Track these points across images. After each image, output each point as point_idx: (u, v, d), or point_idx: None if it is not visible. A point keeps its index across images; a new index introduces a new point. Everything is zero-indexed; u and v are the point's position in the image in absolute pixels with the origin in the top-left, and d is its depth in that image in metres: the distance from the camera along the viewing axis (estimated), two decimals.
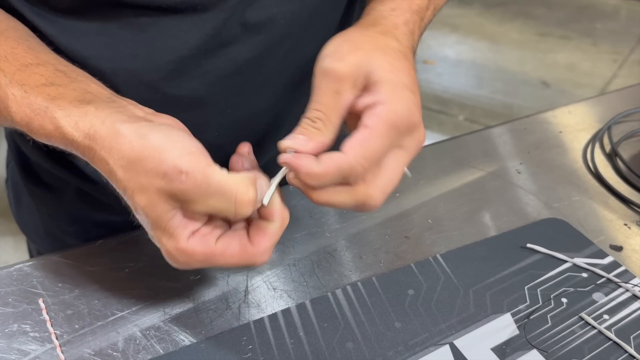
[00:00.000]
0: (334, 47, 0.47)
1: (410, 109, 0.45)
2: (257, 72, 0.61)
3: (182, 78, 0.58)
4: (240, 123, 0.65)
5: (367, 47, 0.47)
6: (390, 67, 0.46)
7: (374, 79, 0.45)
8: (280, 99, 0.66)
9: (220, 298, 0.57)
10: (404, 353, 0.53)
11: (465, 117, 2.68)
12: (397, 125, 0.44)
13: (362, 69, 0.45)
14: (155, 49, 0.55)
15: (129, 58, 0.55)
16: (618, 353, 0.54)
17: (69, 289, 0.57)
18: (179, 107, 0.59)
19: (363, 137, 0.44)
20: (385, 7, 0.52)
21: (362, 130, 0.44)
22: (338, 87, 0.45)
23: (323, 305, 0.57)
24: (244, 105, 0.63)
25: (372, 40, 0.48)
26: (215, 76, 0.59)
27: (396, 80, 0.45)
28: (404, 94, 0.45)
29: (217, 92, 0.60)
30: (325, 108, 0.45)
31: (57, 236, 0.74)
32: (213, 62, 0.58)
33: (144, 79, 0.56)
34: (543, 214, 0.68)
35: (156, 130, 0.43)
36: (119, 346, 0.52)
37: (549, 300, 0.58)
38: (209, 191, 0.42)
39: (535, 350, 0.53)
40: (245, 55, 0.59)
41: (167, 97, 0.58)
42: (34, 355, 0.51)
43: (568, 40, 3.38)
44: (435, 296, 0.58)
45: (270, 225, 0.46)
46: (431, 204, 0.70)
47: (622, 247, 0.65)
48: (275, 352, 0.52)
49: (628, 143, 0.81)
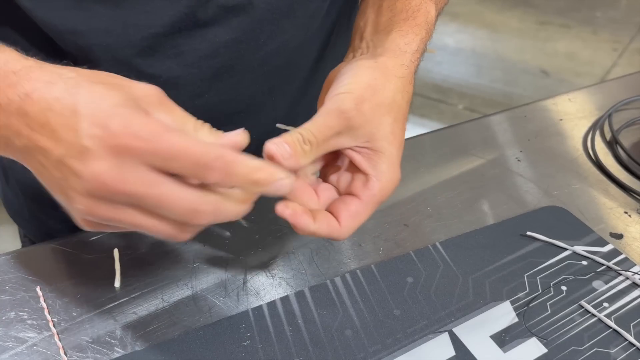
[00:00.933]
0: (348, 85, 0.47)
1: (395, 187, 0.49)
2: (235, 56, 0.60)
3: (156, 57, 0.57)
4: (218, 108, 0.64)
5: (385, 101, 0.48)
6: (391, 137, 0.48)
7: (376, 147, 0.47)
8: (259, 85, 0.65)
9: (219, 285, 0.57)
10: (403, 341, 0.53)
11: (464, 106, 2.67)
12: (382, 200, 0.49)
13: (368, 129, 0.47)
14: (129, 25, 0.55)
15: (103, 33, 0.54)
16: (618, 341, 0.53)
17: (67, 277, 0.56)
18: None
19: (357, 211, 0.48)
20: (401, 40, 0.52)
21: (356, 203, 0.48)
22: (341, 130, 0.46)
23: (322, 293, 0.56)
24: (222, 89, 0.62)
25: (388, 90, 0.48)
26: (191, 57, 0.58)
27: (394, 155, 0.48)
28: (397, 174, 0.49)
29: (192, 73, 0.59)
30: (320, 137, 0.45)
31: (41, 220, 0.74)
32: (189, 43, 0.57)
33: (118, 56, 0.56)
34: (543, 202, 0.68)
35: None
36: (116, 334, 0.52)
37: (549, 288, 0.58)
38: None
39: (534, 338, 0.53)
40: (223, 37, 0.58)
41: (141, 76, 0.57)
42: (31, 342, 0.51)
43: (568, 28, 3.37)
44: (435, 284, 0.58)
45: None
46: (431, 192, 0.69)
47: (622, 235, 0.64)
48: (274, 340, 0.52)
49: (629, 131, 0.80)
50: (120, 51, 0.56)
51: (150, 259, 0.58)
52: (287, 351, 0.51)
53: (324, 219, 0.47)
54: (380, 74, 0.48)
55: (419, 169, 0.72)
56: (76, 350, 0.51)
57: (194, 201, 0.39)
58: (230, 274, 0.58)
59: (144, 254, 0.59)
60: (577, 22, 3.42)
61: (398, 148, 0.49)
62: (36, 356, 0.50)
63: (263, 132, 0.70)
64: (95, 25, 0.54)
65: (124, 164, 0.38)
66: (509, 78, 2.91)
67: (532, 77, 2.91)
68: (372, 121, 0.47)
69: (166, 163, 0.38)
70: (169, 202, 0.39)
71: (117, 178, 0.38)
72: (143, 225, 0.41)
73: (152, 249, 0.59)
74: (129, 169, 0.38)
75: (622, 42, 3.21)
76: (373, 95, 0.47)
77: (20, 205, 0.76)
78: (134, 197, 0.39)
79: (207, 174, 0.39)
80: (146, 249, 0.59)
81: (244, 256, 0.60)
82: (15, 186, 0.74)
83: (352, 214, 0.47)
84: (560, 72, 2.94)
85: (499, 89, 2.82)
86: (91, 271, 0.57)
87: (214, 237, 0.62)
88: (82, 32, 0.54)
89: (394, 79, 0.49)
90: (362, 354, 0.51)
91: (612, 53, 3.12)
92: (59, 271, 0.57)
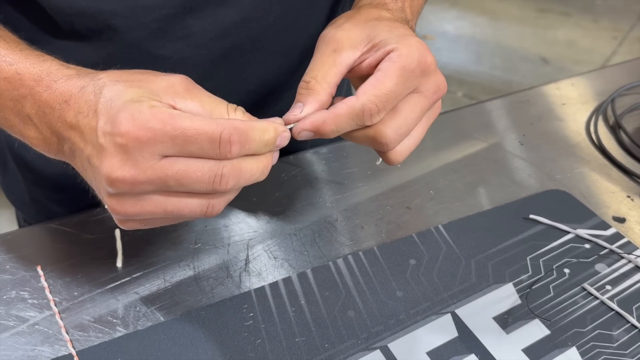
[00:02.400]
0: (335, 20, 0.49)
1: (421, 52, 0.45)
2: (245, 37, 0.60)
3: (166, 38, 0.57)
4: (227, 88, 0.63)
5: (362, 17, 0.48)
6: (389, 27, 0.47)
7: (378, 40, 0.46)
8: (269, 65, 0.65)
9: (221, 266, 0.57)
10: (406, 321, 0.53)
11: (464, 93, 2.66)
12: (411, 68, 0.44)
13: (364, 32, 0.46)
14: (139, 7, 0.54)
15: (112, 15, 0.54)
16: (620, 323, 0.53)
17: (67, 257, 0.56)
18: (163, 68, 0.57)
19: (375, 79, 0.44)
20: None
21: (374, 74, 0.44)
22: (335, 46, 0.45)
23: (324, 274, 0.56)
24: (231, 70, 0.62)
25: (365, 13, 0.49)
26: (200, 37, 0.58)
27: (401, 33, 0.46)
28: (413, 40, 0.45)
29: (202, 54, 0.59)
30: (320, 67, 0.45)
31: (42, 203, 0.73)
32: (198, 23, 0.57)
33: (128, 38, 0.55)
34: (546, 186, 0.68)
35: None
36: (118, 313, 0.52)
37: (552, 271, 0.58)
38: None
39: (537, 320, 0.53)
40: (233, 17, 0.58)
41: (151, 58, 0.57)
42: (32, 321, 0.51)
43: (568, 16, 3.35)
44: (437, 266, 0.58)
45: None
46: (433, 175, 0.69)
47: (624, 218, 0.64)
48: (277, 320, 0.52)
49: (631, 116, 0.80)
50: (130, 33, 0.55)
51: (152, 240, 0.58)
52: (290, 331, 0.51)
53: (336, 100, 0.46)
54: (362, 9, 0.50)
55: (422, 152, 0.72)
56: (78, 329, 0.50)
57: (213, 167, 0.40)
58: (232, 255, 0.58)
59: (146, 235, 0.58)
60: (577, 10, 3.40)
61: (403, 30, 0.46)
62: (37, 335, 0.50)
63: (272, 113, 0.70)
64: (104, 7, 0.53)
65: (134, 155, 0.38)
66: (509, 65, 2.90)
67: (531, 64, 2.90)
68: (359, 27, 0.46)
69: (183, 148, 0.39)
70: (189, 176, 0.39)
71: (131, 171, 0.38)
72: (173, 209, 0.41)
73: (154, 229, 0.59)
74: (141, 160, 0.38)
75: (622, 30, 3.20)
76: (356, 14, 0.48)
77: (20, 189, 0.75)
78: (153, 183, 0.39)
79: (226, 149, 0.39)
80: (147, 230, 0.59)
81: (245, 238, 0.60)
82: (15, 170, 0.73)
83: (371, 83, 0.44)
84: (560, 60, 2.93)
85: (498, 77, 2.81)
86: (92, 251, 0.57)
87: (216, 219, 0.61)
88: (91, 15, 0.53)
89: (362, 6, 0.50)
90: (365, 335, 0.51)
91: (612, 41, 3.11)
92: (60, 251, 0.57)
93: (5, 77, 0.44)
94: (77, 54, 0.56)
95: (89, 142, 0.40)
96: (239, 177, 0.41)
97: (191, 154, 0.39)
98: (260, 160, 0.42)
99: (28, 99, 0.43)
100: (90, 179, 0.43)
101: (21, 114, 0.44)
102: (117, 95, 0.40)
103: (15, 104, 0.44)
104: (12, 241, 0.57)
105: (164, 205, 0.41)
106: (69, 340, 0.50)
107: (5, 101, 0.44)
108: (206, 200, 0.42)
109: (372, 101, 0.43)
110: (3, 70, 0.44)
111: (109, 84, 0.40)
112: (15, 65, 0.44)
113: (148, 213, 0.41)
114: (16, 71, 0.44)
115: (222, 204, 0.43)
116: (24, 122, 0.44)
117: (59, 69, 0.43)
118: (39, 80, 0.43)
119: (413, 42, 0.45)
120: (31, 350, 0.49)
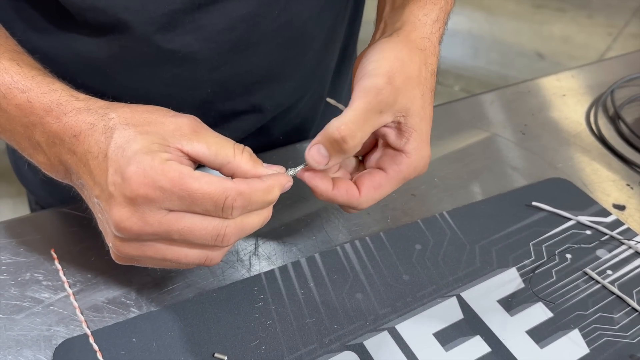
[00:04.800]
0: (376, 62, 0.47)
1: (425, 163, 0.49)
2: (251, 29, 0.61)
3: (175, 32, 0.57)
4: (233, 80, 0.64)
5: (407, 72, 0.47)
6: (422, 112, 0.48)
7: (409, 122, 0.47)
8: (274, 57, 0.66)
9: (231, 251, 0.58)
10: (412, 304, 0.54)
11: (460, 87, 2.67)
12: (411, 177, 0.49)
13: (403, 103, 0.46)
14: (148, 2, 0.55)
15: (122, 10, 0.55)
16: (621, 306, 0.55)
17: (81, 240, 0.57)
18: (172, 62, 0.59)
19: (379, 183, 0.48)
20: (419, 12, 0.52)
21: (380, 175, 0.48)
22: (380, 108, 0.45)
23: (332, 258, 0.57)
24: (237, 62, 0.63)
25: (411, 63, 0.47)
26: (209, 31, 0.59)
27: (425, 131, 0.48)
28: (427, 151, 0.48)
29: (210, 47, 0.60)
30: (363, 126, 0.44)
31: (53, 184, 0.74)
32: (207, 17, 0.58)
33: (137, 32, 0.56)
34: (547, 174, 0.69)
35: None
36: (132, 295, 0.53)
37: (554, 256, 0.59)
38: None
39: (540, 303, 0.55)
40: (240, 11, 0.59)
41: (160, 51, 0.58)
42: (47, 302, 0.52)
43: (563, 12, 3.37)
44: (442, 251, 0.59)
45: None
46: (437, 164, 0.70)
47: (624, 206, 0.66)
48: (287, 301, 0.53)
49: (631, 107, 0.81)
50: (140, 27, 0.56)
51: None
52: (300, 312, 0.52)
53: (344, 186, 0.47)
54: (404, 46, 0.48)
55: None
56: (92, 310, 0.51)
57: (217, 226, 0.42)
58: (242, 239, 0.59)
59: None
60: (573, 6, 3.42)
61: (428, 124, 0.48)
62: (53, 315, 0.51)
63: (278, 103, 0.71)
64: (115, 1, 0.54)
65: (143, 209, 0.40)
66: (505, 60, 2.91)
67: (527, 59, 2.92)
68: (405, 94, 0.46)
69: (190, 207, 0.41)
70: (193, 233, 0.42)
71: (138, 223, 0.41)
72: (172, 257, 0.43)
73: None
74: (149, 214, 0.40)
75: (616, 26, 3.22)
76: (402, 68, 0.46)
77: (32, 173, 0.76)
78: (158, 235, 0.41)
79: (228, 212, 0.42)
80: None
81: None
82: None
83: (374, 185, 0.48)
84: (556, 55, 2.95)
85: (494, 71, 2.83)
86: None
87: None
88: (102, 9, 0.54)
89: (417, 52, 0.48)
90: (373, 316, 0.52)
91: (606, 37, 3.12)
92: (74, 235, 0.58)
93: (17, 103, 0.45)
94: (89, 45, 0.57)
95: (97, 184, 0.42)
96: (240, 234, 0.43)
97: (196, 212, 0.41)
98: (262, 214, 0.45)
99: (38, 127, 0.44)
100: (98, 217, 0.45)
101: (31, 140, 0.45)
102: (127, 142, 0.41)
103: (26, 130, 0.45)
104: (25, 225, 0.58)
105: (164, 253, 0.43)
106: (84, 321, 0.51)
107: (16, 126, 0.45)
108: (205, 252, 0.44)
109: (368, 204, 0.48)
110: (15, 97, 0.45)
111: (120, 128, 0.42)
112: (27, 93, 0.45)
113: (148, 258, 0.44)
114: (27, 99, 0.44)
115: (220, 256, 0.45)
116: (33, 147, 0.46)
117: (69, 100, 0.44)
118: (49, 110, 0.44)
119: (424, 155, 0.48)
120: (46, 330, 0.50)
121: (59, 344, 0.48)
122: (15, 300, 0.52)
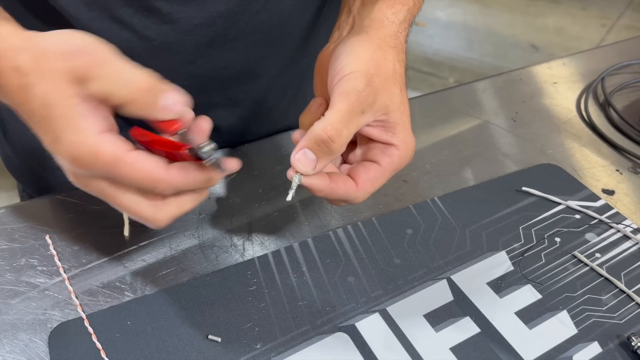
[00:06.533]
0: (352, 64, 0.47)
1: (412, 151, 0.50)
2: (230, 26, 0.61)
3: (151, 19, 0.58)
4: (210, 74, 0.65)
5: (385, 71, 0.48)
6: (402, 107, 0.49)
7: (392, 118, 0.48)
8: (251, 53, 0.66)
9: (224, 236, 0.58)
10: (404, 287, 0.55)
11: (455, 79, 2.68)
12: (402, 167, 0.50)
13: (383, 102, 0.47)
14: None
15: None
16: (609, 288, 0.56)
17: (75, 227, 0.58)
18: (148, 50, 0.59)
19: (375, 176, 0.49)
20: (388, 10, 0.52)
21: (375, 168, 0.49)
22: (362, 109, 0.46)
23: (325, 242, 0.58)
24: (215, 57, 0.63)
25: (384, 62, 0.48)
26: (187, 24, 0.59)
27: (407, 123, 0.49)
28: (412, 142, 0.49)
29: (187, 40, 0.60)
30: (347, 125, 0.45)
31: (41, 175, 0.74)
32: (185, 10, 0.58)
33: (115, 14, 0.57)
34: (538, 160, 0.70)
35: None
36: (126, 279, 0.53)
37: (543, 240, 0.60)
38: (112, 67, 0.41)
39: (529, 285, 0.55)
40: (219, 7, 0.59)
41: (137, 37, 0.58)
42: (42, 287, 0.52)
43: (557, 4, 3.37)
44: (433, 235, 0.60)
45: None
46: (429, 150, 0.71)
47: (613, 191, 0.67)
48: (280, 285, 0.54)
49: (620, 94, 0.82)
50: (118, 10, 0.56)
51: None
52: (293, 295, 0.53)
53: (341, 179, 0.48)
54: (376, 46, 0.49)
55: (418, 129, 0.73)
56: (87, 295, 0.52)
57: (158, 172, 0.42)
58: (235, 225, 0.60)
59: None
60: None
61: (408, 116, 0.50)
62: (48, 300, 0.51)
63: (254, 98, 0.71)
64: None
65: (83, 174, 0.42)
66: (499, 52, 2.92)
67: (521, 51, 2.93)
68: (384, 93, 0.47)
69: (122, 181, 0.42)
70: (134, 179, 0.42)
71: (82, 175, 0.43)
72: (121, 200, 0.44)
73: None
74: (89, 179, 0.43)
75: (610, 18, 3.23)
76: (378, 69, 0.47)
77: (19, 162, 0.76)
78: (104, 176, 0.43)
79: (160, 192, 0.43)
80: None
81: (248, 209, 0.61)
82: (14, 143, 0.74)
83: (370, 178, 0.48)
84: (550, 47, 2.96)
85: (489, 63, 2.83)
86: (99, 221, 0.58)
87: (219, 191, 0.63)
88: None
89: (389, 50, 0.49)
90: (365, 299, 0.53)
91: (600, 29, 3.14)
92: (68, 221, 0.58)
93: None
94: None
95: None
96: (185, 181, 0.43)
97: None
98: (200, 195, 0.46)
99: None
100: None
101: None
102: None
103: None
104: (20, 212, 0.59)
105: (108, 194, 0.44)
106: (79, 305, 0.51)
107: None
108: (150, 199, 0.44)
109: (364, 196, 0.49)
110: None
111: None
112: None
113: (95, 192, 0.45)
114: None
115: (167, 213, 0.44)
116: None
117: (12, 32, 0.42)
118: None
119: (410, 145, 0.49)
120: (42, 314, 0.50)
121: (55, 327, 0.49)
122: (11, 285, 0.52)
